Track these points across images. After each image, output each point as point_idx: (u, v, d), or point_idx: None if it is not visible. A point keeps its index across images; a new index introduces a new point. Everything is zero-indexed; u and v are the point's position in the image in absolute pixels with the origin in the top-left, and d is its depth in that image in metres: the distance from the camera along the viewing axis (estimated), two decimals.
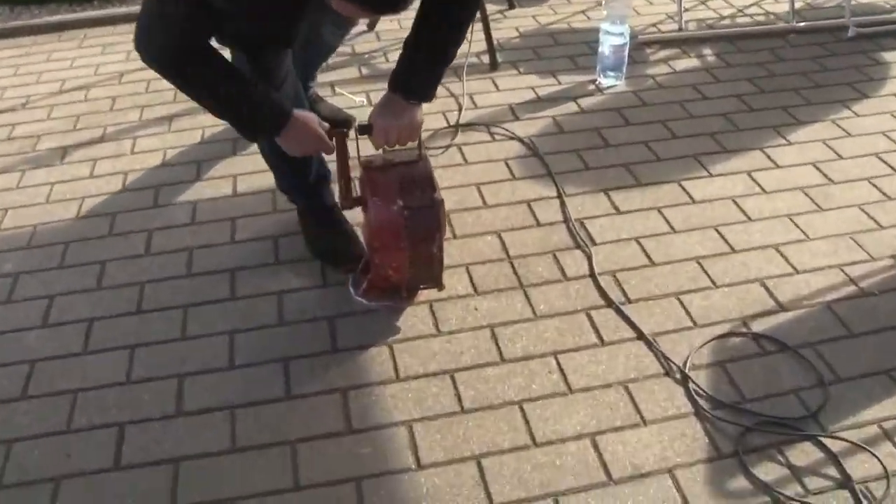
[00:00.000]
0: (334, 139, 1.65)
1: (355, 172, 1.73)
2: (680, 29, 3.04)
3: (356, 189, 1.75)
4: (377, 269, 1.69)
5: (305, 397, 1.60)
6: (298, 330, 1.74)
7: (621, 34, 2.59)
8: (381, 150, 1.71)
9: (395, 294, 1.77)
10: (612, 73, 2.66)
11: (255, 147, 2.30)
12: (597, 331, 1.75)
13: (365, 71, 2.79)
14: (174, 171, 2.28)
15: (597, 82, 2.69)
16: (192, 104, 2.06)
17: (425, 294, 1.80)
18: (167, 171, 2.28)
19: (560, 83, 2.70)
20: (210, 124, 2.46)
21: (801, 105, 2.57)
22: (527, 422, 1.55)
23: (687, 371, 1.65)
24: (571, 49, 2.92)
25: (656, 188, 2.18)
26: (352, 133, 1.66)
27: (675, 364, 1.67)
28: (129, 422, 1.56)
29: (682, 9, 3.05)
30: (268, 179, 2.15)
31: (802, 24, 3.08)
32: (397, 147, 1.67)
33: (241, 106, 1.51)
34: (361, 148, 1.67)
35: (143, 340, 1.73)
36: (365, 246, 1.88)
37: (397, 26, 3.10)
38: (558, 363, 1.67)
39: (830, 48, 2.94)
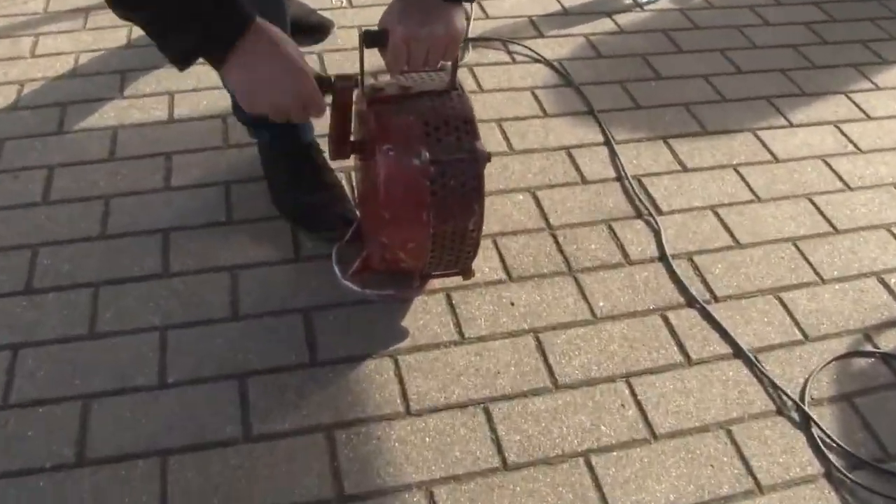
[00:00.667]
0: (334, 95, 1.08)
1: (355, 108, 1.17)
2: None
3: (355, 130, 1.19)
4: (381, 250, 1.15)
5: (272, 439, 1.08)
6: (260, 329, 1.21)
7: None
8: (396, 75, 1.15)
9: (401, 281, 1.24)
10: None
11: None
12: (679, 342, 1.26)
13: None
14: (88, 83, 1.66)
15: None
16: None
17: (441, 279, 1.28)
18: (79, 83, 1.66)
19: None
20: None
21: (883, 39, 2.09)
22: (598, 487, 1.07)
23: (807, 408, 1.18)
24: None
25: (728, 139, 1.68)
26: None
27: (789, 396, 1.20)
28: None
29: None
30: (219, 99, 1.57)
31: None
32: (422, 71, 1.12)
33: None
34: (370, 68, 1.11)
35: (36, 338, 1.17)
36: (357, 210, 1.34)
37: None
38: (632, 391, 1.19)
39: None
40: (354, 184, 1.39)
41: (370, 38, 1.04)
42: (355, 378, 1.16)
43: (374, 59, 1.11)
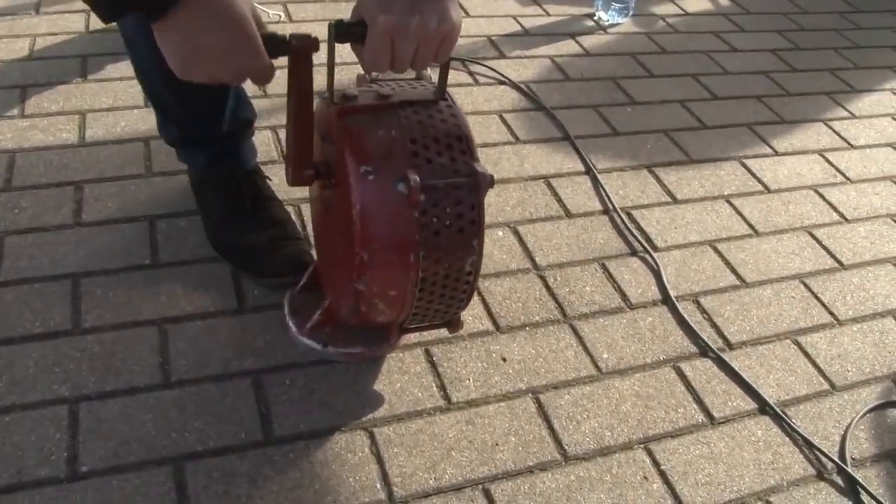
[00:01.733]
0: (290, 62, 0.85)
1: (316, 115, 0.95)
2: None
3: (318, 148, 0.97)
4: (353, 299, 0.92)
5: None
6: (198, 399, 0.97)
7: None
8: (372, 76, 0.94)
9: (370, 335, 1.02)
10: (618, 7, 1.97)
11: (115, 66, 1.46)
12: (698, 398, 1.08)
13: None
14: None
15: (596, 17, 2.00)
16: None
17: (417, 332, 1.06)
18: None
19: (548, 14, 1.99)
20: (45, 31, 1.57)
21: (849, 69, 2.02)
22: None
23: (850, 469, 1.01)
24: None
25: (714, 167, 1.54)
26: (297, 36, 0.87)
27: (828, 457, 1.03)
28: None
29: None
30: (139, 120, 1.32)
31: None
32: (405, 73, 0.91)
33: None
34: (341, 70, 0.89)
35: None
36: (313, 249, 1.11)
37: None
38: (654, 460, 0.99)
39: (853, 3, 2.40)
40: (310, 217, 1.16)
41: (343, 31, 0.82)
42: (322, 458, 0.93)
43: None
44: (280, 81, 0.81)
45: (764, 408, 1.09)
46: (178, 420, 0.94)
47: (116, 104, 1.40)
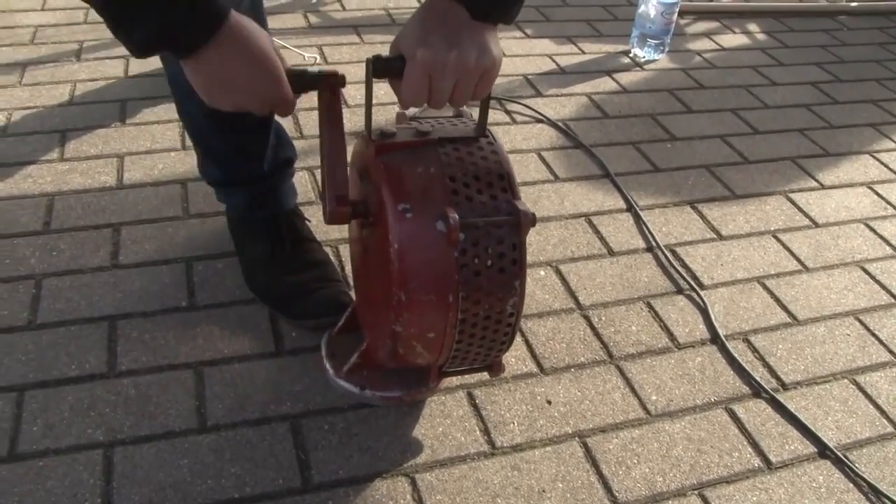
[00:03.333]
0: (317, 92, 0.85)
1: (350, 151, 0.94)
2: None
3: (355, 187, 0.95)
4: (391, 341, 0.89)
5: None
6: (235, 444, 0.94)
7: None
8: (411, 114, 0.93)
9: (409, 378, 0.99)
10: (654, 43, 1.95)
11: (153, 110, 1.47)
12: (753, 442, 1.03)
13: (314, 20, 1.98)
14: (21, 143, 1.41)
15: (632, 54, 1.99)
16: (62, 44, 1.22)
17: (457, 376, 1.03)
18: (10, 143, 1.41)
19: (583, 52, 1.97)
20: (85, 77, 1.60)
21: (892, 100, 1.98)
22: None
23: None
24: (587, 12, 2.21)
25: (760, 202, 1.50)
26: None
27: None
28: None
29: None
30: (177, 162, 1.33)
31: (855, 3, 2.49)
32: (445, 111, 0.90)
33: None
34: (379, 111, 0.88)
35: None
36: (352, 291, 1.09)
37: None
38: None
39: (893, 34, 2.36)
40: (349, 257, 1.14)
41: (380, 66, 0.81)
42: None
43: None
44: (315, 122, 0.80)
45: (824, 451, 1.04)
46: (215, 465, 0.91)
47: (154, 147, 1.41)
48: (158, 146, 1.41)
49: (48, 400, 0.96)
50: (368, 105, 0.85)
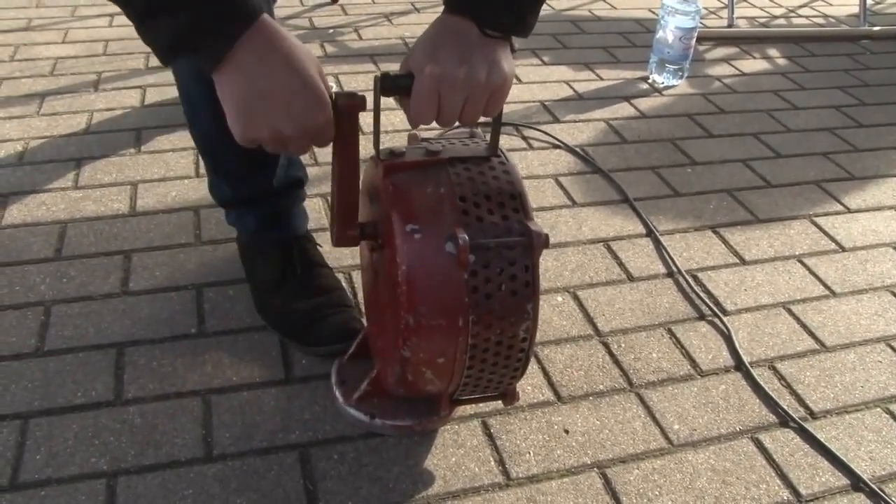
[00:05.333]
0: (334, 115, 0.78)
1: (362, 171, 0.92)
2: (730, 25, 2.39)
3: (365, 208, 0.93)
4: (400, 367, 0.86)
5: None
6: (242, 475, 0.91)
7: (693, 15, 1.88)
8: (422, 136, 0.91)
9: (420, 407, 0.96)
10: (673, 69, 1.93)
11: (167, 137, 1.47)
12: (781, 473, 0.98)
13: (331, 49, 1.98)
14: (37, 171, 1.41)
15: (650, 80, 1.97)
16: (81, 75, 1.22)
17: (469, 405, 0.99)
18: (26, 171, 1.41)
19: (601, 79, 1.96)
20: (102, 107, 1.60)
21: None
22: None
23: None
24: (604, 39, 2.20)
25: (783, 227, 1.46)
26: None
27: None
28: None
29: (733, 2, 2.41)
30: (190, 190, 1.32)
31: (878, 28, 2.47)
32: (452, 131, 0.88)
33: None
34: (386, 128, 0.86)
35: None
36: (363, 317, 1.06)
37: None
38: None
39: None
40: (360, 285, 1.12)
41: (388, 84, 0.79)
42: None
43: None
44: (329, 149, 0.78)
45: (857, 484, 0.99)
46: (220, 496, 0.88)
47: (168, 174, 1.40)
48: (172, 173, 1.40)
49: (53, 428, 0.94)
50: (377, 124, 0.83)
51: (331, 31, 2.07)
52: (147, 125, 1.54)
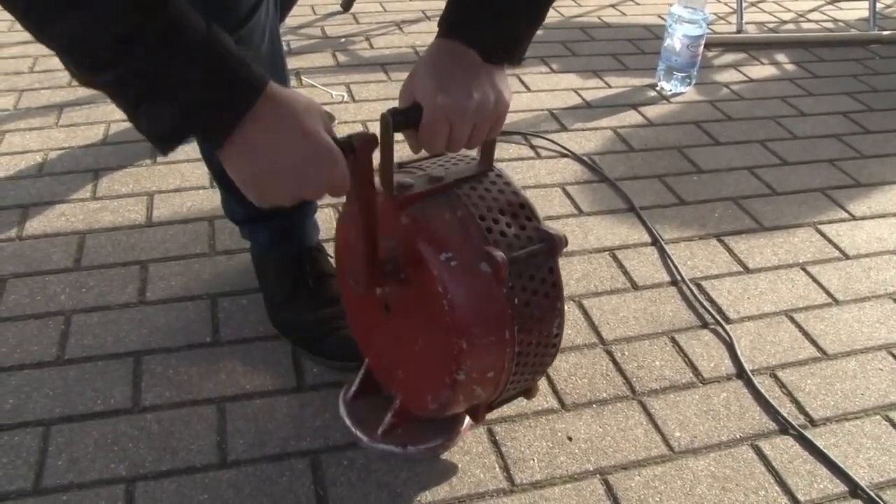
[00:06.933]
0: (349, 158, 0.75)
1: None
2: (738, 31, 2.41)
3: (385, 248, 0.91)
4: (448, 391, 0.86)
5: None
6: (255, 480, 0.94)
7: (700, 22, 1.90)
8: (418, 164, 0.92)
9: (445, 425, 0.99)
10: (681, 76, 1.95)
11: (183, 148, 1.50)
12: (780, 480, 1.00)
13: (342, 58, 2.01)
14: (56, 182, 1.45)
15: (658, 87, 1.99)
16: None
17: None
18: (45, 182, 1.45)
19: (609, 86, 1.98)
20: (119, 117, 1.64)
21: None
22: None
23: None
24: (612, 46, 2.22)
25: (788, 235, 1.48)
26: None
27: None
28: None
29: (742, 8, 2.43)
30: (205, 200, 1.35)
31: (887, 32, 2.47)
32: (439, 155, 0.90)
33: (140, 49, 0.60)
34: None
35: None
36: (364, 352, 1.05)
37: (378, 7, 2.35)
38: None
39: None
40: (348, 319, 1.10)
41: (400, 119, 0.79)
42: None
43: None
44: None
45: (855, 491, 1.01)
46: (234, 501, 0.91)
47: (183, 185, 1.44)
48: (187, 184, 1.44)
49: (73, 434, 0.98)
50: (390, 161, 0.83)
51: (342, 39, 2.10)
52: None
